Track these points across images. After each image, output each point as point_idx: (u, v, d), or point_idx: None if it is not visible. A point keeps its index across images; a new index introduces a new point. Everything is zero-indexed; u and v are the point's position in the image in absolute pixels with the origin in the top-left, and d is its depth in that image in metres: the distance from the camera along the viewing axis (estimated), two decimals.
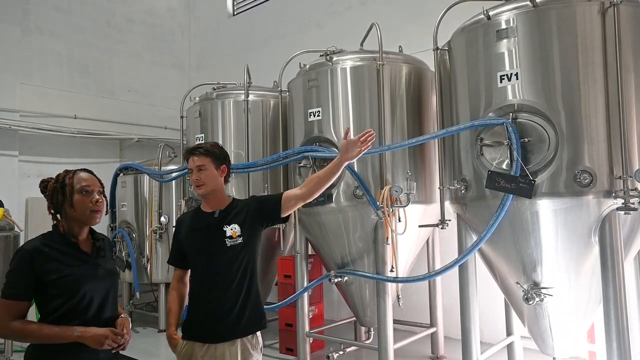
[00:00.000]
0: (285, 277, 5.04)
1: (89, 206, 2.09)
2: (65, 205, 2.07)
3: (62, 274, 2.00)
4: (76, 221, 2.10)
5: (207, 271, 2.47)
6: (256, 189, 5.04)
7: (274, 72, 5.12)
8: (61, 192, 2.07)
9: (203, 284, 2.49)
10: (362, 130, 4.06)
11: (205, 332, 2.44)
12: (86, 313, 2.03)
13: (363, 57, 4.27)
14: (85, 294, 2.03)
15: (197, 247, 2.51)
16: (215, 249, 2.47)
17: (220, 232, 2.49)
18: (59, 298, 1.99)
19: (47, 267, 1.98)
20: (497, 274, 3.60)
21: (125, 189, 6.49)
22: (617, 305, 2.91)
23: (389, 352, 4.00)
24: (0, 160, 6.32)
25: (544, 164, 3.04)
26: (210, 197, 2.60)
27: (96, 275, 2.10)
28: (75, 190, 2.08)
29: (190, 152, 2.58)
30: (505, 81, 3.17)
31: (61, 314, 1.99)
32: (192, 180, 2.55)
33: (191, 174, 2.56)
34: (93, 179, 2.16)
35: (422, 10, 5.76)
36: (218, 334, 2.43)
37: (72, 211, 2.07)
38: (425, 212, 4.20)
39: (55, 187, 2.08)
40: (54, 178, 2.13)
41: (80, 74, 7.51)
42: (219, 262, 2.46)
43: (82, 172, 2.16)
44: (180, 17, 9.04)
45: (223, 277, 2.45)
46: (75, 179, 2.10)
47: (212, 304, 2.44)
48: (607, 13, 2.98)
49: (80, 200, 2.07)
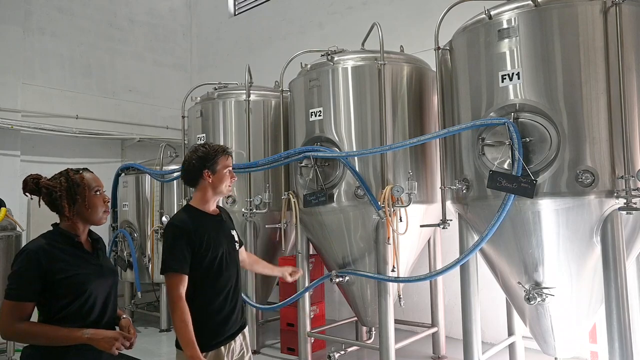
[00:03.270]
0: None
1: (102, 207, 2.13)
2: (80, 205, 2.06)
3: (70, 274, 1.99)
4: (84, 221, 2.10)
5: (230, 274, 2.52)
6: (257, 189, 5.05)
7: (275, 72, 5.13)
8: (77, 192, 2.05)
9: (226, 287, 2.48)
10: (363, 130, 4.14)
11: (228, 333, 2.50)
12: (91, 313, 2.03)
13: (364, 57, 4.27)
14: (91, 293, 2.03)
15: (224, 251, 2.48)
16: (233, 252, 2.59)
17: (231, 235, 2.62)
18: (65, 298, 1.98)
19: (55, 267, 1.96)
20: (498, 274, 3.59)
21: (126, 189, 6.50)
22: (619, 305, 2.90)
23: (390, 352, 4.00)
24: (3, 160, 6.33)
25: (545, 164, 3.04)
26: (216, 202, 2.64)
27: (101, 274, 2.11)
28: (91, 191, 2.09)
29: (230, 153, 2.59)
30: (507, 81, 3.16)
31: (66, 314, 1.98)
32: (231, 180, 2.55)
33: (228, 173, 2.53)
34: (100, 180, 2.19)
35: (424, 10, 5.76)
36: (238, 330, 2.56)
37: (86, 211, 2.07)
38: (426, 212, 4.20)
39: (68, 186, 2.05)
40: (43, 176, 2.09)
41: (82, 75, 7.52)
42: (236, 263, 2.60)
43: (87, 172, 2.16)
44: (182, 17, 9.05)
45: (237, 277, 2.58)
46: (86, 179, 2.10)
47: (231, 305, 2.51)
48: (609, 12, 2.97)
49: (94, 200, 2.10)
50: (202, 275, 2.39)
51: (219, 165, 2.49)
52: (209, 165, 2.47)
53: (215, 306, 2.43)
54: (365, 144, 4.11)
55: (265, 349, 5.26)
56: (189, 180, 2.55)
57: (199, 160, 2.48)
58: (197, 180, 2.50)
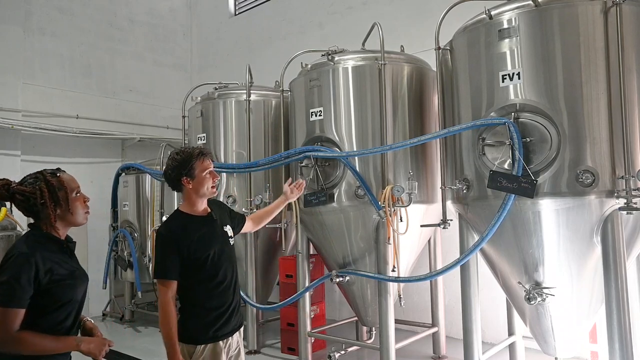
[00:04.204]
0: (287, 276, 5.04)
1: (83, 208, 2.09)
2: (63, 210, 1.99)
3: (60, 279, 1.93)
4: (66, 224, 2.04)
5: (225, 272, 2.56)
6: (258, 189, 5.05)
7: (275, 72, 5.13)
8: (59, 197, 1.97)
9: (222, 284, 2.54)
10: (363, 130, 4.15)
11: (226, 329, 2.55)
12: (68, 317, 1.99)
13: (365, 56, 4.27)
14: (76, 298, 2.01)
15: (215, 250, 2.52)
16: (227, 249, 2.62)
17: (224, 232, 2.65)
18: (54, 303, 1.93)
19: (48, 272, 1.90)
20: (499, 274, 3.60)
21: (127, 189, 6.51)
22: (620, 305, 2.90)
23: (391, 352, 4.00)
24: (3, 160, 6.33)
25: (546, 164, 3.04)
26: (206, 201, 2.65)
27: (82, 280, 2.07)
28: (72, 193, 2.04)
29: (207, 153, 2.59)
30: (507, 81, 3.16)
31: (53, 319, 1.93)
32: (212, 181, 2.56)
33: (208, 174, 2.55)
34: (76, 180, 2.12)
35: (424, 10, 5.76)
36: (236, 326, 2.62)
37: (69, 215, 2.02)
38: (426, 211, 4.20)
39: (49, 191, 1.96)
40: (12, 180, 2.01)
41: (82, 75, 7.52)
42: (232, 260, 2.64)
43: (63, 173, 2.08)
44: (182, 17, 9.04)
45: (233, 273, 2.62)
46: (65, 181, 2.03)
47: (228, 302, 2.56)
48: (609, 12, 2.97)
49: (76, 202, 2.05)
50: (197, 274, 2.48)
51: (196, 170, 2.51)
52: (185, 172, 2.50)
53: (213, 302, 2.51)
54: (365, 143, 4.11)
55: (265, 348, 5.26)
56: (173, 188, 2.61)
57: (175, 170, 2.52)
58: (179, 187, 2.56)
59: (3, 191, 1.97)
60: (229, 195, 5.20)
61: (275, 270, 5.51)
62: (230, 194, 5.20)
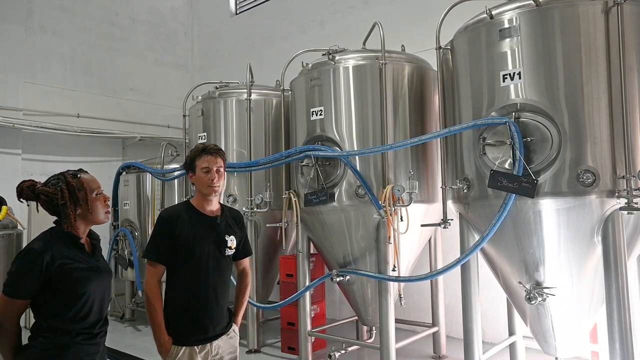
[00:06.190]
0: (287, 276, 5.04)
1: (104, 207, 2.16)
2: (83, 210, 2.07)
3: (72, 275, 2.00)
4: (87, 223, 2.12)
5: (210, 275, 2.52)
6: (258, 188, 5.05)
7: (276, 71, 5.13)
8: (79, 198, 2.06)
9: (203, 288, 2.50)
10: (364, 129, 4.14)
11: (203, 335, 2.51)
12: (89, 314, 2.05)
13: (365, 56, 4.27)
14: (90, 294, 2.05)
15: (203, 249, 2.50)
16: (219, 255, 2.56)
17: (223, 240, 2.59)
18: (64, 299, 1.99)
19: (59, 269, 1.97)
20: (499, 274, 3.59)
21: (127, 188, 6.51)
22: (620, 305, 2.90)
23: (391, 352, 4.00)
24: (4, 158, 6.35)
25: (546, 164, 3.04)
26: (214, 200, 2.62)
27: (99, 275, 2.12)
28: (92, 193, 2.11)
29: (212, 152, 2.56)
30: (508, 80, 3.16)
31: (64, 315, 1.99)
32: (209, 179, 2.52)
33: (206, 173, 2.52)
34: (97, 180, 2.20)
35: (425, 9, 5.76)
36: (213, 335, 2.55)
37: (89, 214, 2.10)
38: (427, 211, 4.20)
39: (70, 192, 2.05)
40: (37, 182, 2.09)
41: (83, 73, 7.53)
42: (221, 268, 2.57)
43: (84, 174, 2.16)
44: (183, 16, 9.05)
45: (222, 281, 2.57)
46: (86, 181, 2.11)
47: (207, 309, 2.51)
48: (610, 12, 2.97)
49: (96, 202, 2.13)
50: (177, 272, 2.50)
51: (197, 167, 2.55)
52: (190, 168, 2.59)
53: (190, 305, 2.48)
54: (366, 143, 4.11)
55: (265, 348, 5.26)
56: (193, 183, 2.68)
57: (185, 165, 2.64)
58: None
59: (29, 192, 2.07)
60: (230, 194, 5.20)
61: (276, 270, 5.52)
62: (230, 193, 5.21)
